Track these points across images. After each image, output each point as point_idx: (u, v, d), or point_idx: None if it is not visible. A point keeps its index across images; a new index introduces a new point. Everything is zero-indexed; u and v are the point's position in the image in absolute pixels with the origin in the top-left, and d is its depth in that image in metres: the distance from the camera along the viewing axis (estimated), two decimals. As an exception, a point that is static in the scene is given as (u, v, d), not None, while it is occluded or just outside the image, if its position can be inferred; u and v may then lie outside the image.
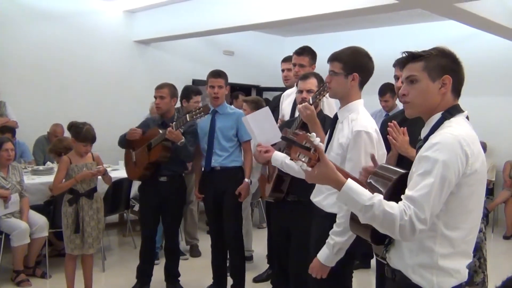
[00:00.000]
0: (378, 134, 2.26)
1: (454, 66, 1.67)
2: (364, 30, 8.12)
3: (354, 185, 1.61)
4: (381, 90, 4.95)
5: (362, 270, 4.66)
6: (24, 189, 4.33)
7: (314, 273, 2.25)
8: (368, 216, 1.57)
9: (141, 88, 7.21)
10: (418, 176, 1.55)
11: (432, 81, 1.65)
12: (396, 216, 1.52)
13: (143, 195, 4.03)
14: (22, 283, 4.10)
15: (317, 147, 1.58)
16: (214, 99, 3.80)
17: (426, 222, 1.51)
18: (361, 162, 2.15)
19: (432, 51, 1.68)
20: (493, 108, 6.74)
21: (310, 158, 1.58)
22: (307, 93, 2.94)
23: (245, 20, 6.02)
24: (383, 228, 1.57)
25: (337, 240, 2.18)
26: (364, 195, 1.58)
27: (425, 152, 1.56)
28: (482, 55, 6.47)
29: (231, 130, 3.80)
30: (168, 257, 4.05)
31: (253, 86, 9.14)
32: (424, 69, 1.66)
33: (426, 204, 1.51)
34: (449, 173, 1.52)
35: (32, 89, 6.45)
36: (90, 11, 7.10)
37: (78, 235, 3.55)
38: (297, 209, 2.97)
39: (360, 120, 2.25)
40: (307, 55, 3.67)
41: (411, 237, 1.53)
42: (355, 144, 2.21)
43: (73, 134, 3.59)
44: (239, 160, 3.89)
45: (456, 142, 1.54)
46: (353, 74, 2.26)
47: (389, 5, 4.63)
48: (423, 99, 1.67)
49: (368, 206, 1.55)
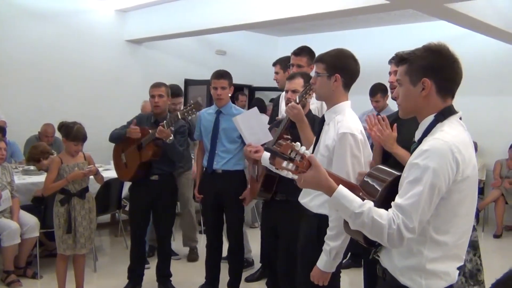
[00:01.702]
0: (363, 135, 2.26)
1: (437, 64, 1.62)
2: (356, 30, 8.16)
3: (345, 191, 1.61)
4: (372, 90, 4.98)
5: (354, 269, 4.68)
6: (14, 189, 4.30)
7: (316, 281, 2.24)
8: (358, 223, 1.58)
9: (133, 87, 7.19)
10: (407, 184, 1.55)
11: (412, 85, 1.64)
12: (385, 225, 1.53)
13: (134, 194, 4.01)
14: (12, 283, 4.06)
15: (305, 155, 1.58)
16: (217, 101, 3.76)
17: (414, 231, 1.52)
18: (347, 164, 2.17)
19: (417, 51, 1.65)
20: (484, 108, 6.81)
21: (297, 166, 1.59)
22: (292, 93, 2.95)
23: (237, 20, 6.02)
24: (372, 235, 1.58)
25: (332, 245, 2.18)
26: (355, 202, 1.59)
27: (415, 159, 1.55)
28: (473, 55, 6.51)
29: (235, 131, 3.65)
30: (160, 257, 4.04)
31: (245, 86, 9.13)
32: (406, 73, 1.65)
33: (414, 213, 1.51)
34: (439, 181, 1.51)
35: (23, 88, 6.41)
36: (81, 10, 7.07)
37: (70, 235, 3.53)
38: (285, 208, 2.99)
39: (346, 122, 2.25)
40: (305, 56, 3.60)
41: (400, 245, 1.55)
42: (340, 146, 2.21)
43: (63, 133, 3.57)
44: (242, 164, 3.83)
45: (447, 149, 1.52)
46: (335, 75, 2.27)
47: (381, 5, 4.65)
48: (407, 103, 1.69)
49: (358, 214, 1.56)
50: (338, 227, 2.11)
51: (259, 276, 4.37)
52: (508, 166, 6.59)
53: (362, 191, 1.70)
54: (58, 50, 6.77)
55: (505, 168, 6.62)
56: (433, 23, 6.88)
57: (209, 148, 3.79)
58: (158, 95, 3.81)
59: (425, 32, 7.04)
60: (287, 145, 1.57)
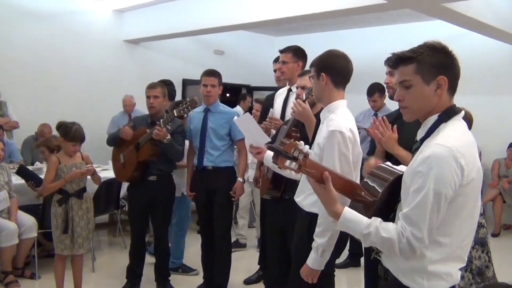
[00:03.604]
0: (353, 134, 2.25)
1: (447, 61, 1.58)
2: (353, 29, 8.16)
3: (349, 215, 1.63)
4: (369, 90, 4.99)
5: (352, 268, 4.69)
6: (12, 190, 4.29)
7: (305, 278, 2.25)
8: (368, 242, 1.60)
9: (131, 87, 7.16)
10: (413, 193, 1.53)
11: (426, 85, 1.58)
12: (394, 240, 1.53)
13: (132, 194, 4.02)
14: (10, 284, 4.06)
15: (308, 154, 1.60)
16: (206, 98, 3.84)
17: (424, 241, 1.51)
18: (335, 162, 2.18)
19: (422, 49, 1.59)
20: (481, 107, 6.78)
21: (300, 165, 1.59)
22: (301, 89, 2.96)
23: (235, 20, 6.02)
24: (385, 250, 1.60)
25: (319, 242, 2.19)
26: (361, 223, 1.60)
27: (419, 167, 1.52)
28: (470, 55, 6.52)
29: (223, 128, 3.82)
30: (158, 256, 4.04)
31: (243, 86, 9.15)
32: (416, 72, 1.58)
33: (422, 223, 1.50)
34: (444, 188, 1.48)
35: (20, 89, 6.39)
36: (79, 10, 7.05)
37: (68, 236, 3.53)
38: (293, 207, 2.97)
39: (336, 120, 2.26)
40: (289, 52, 3.69)
41: (413, 257, 1.55)
42: (329, 143, 2.22)
43: (62, 133, 3.57)
44: (231, 161, 3.91)
45: (450, 156, 1.48)
46: (321, 74, 2.32)
47: (378, 5, 4.66)
48: (421, 104, 1.61)
49: (366, 235, 1.58)
50: (325, 224, 2.14)
51: (258, 278, 4.36)
52: (506, 165, 6.61)
53: (364, 190, 1.70)
54: (55, 50, 6.75)
55: (503, 167, 6.63)
56: (430, 23, 6.89)
57: (198, 146, 3.84)
58: (153, 96, 3.81)
59: (422, 32, 7.05)
60: (290, 144, 1.58)
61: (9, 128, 5.90)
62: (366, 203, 1.67)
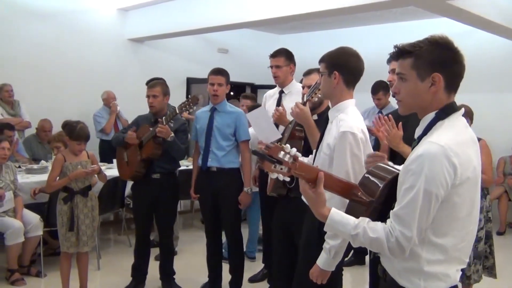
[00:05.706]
0: (364, 134, 2.24)
1: (447, 58, 1.55)
2: (357, 27, 8.15)
3: (336, 217, 1.62)
4: (373, 88, 4.98)
5: (357, 267, 4.69)
6: (18, 188, 4.31)
7: (314, 279, 2.23)
8: (358, 243, 1.60)
9: (135, 86, 7.18)
10: (404, 191, 1.52)
11: (420, 81, 1.55)
12: (383, 240, 1.53)
13: (136, 193, 4.02)
14: (16, 282, 4.09)
15: (297, 156, 1.57)
16: (213, 97, 3.78)
17: (413, 240, 1.50)
18: (347, 163, 2.16)
19: (422, 43, 1.56)
20: (487, 105, 6.77)
21: (290, 168, 1.57)
22: (307, 89, 2.92)
23: (239, 18, 6.03)
24: (374, 250, 1.59)
25: (331, 244, 2.16)
26: (349, 225, 1.59)
27: (411, 165, 1.51)
28: (475, 52, 6.48)
29: (228, 128, 3.75)
30: (163, 255, 4.05)
31: (247, 84, 9.15)
32: (412, 67, 1.56)
33: (412, 221, 1.48)
34: (434, 188, 1.46)
35: (24, 88, 6.40)
36: (83, 9, 7.08)
37: (73, 233, 3.55)
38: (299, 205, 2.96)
39: (347, 120, 2.23)
40: (281, 56, 3.79)
41: (403, 256, 1.54)
42: (340, 145, 2.20)
43: (67, 132, 3.58)
44: (236, 162, 3.85)
45: (442, 154, 1.45)
46: (334, 72, 2.27)
47: (383, 2, 4.66)
48: (413, 100, 1.60)
49: (354, 236, 1.58)
50: None
51: (262, 276, 4.37)
52: (511, 163, 6.58)
53: (361, 190, 1.69)
54: (60, 49, 6.78)
55: (508, 165, 6.59)
56: (434, 20, 6.86)
57: (203, 146, 3.81)
58: (152, 95, 3.80)
59: (426, 30, 6.85)
60: (276, 147, 1.56)
61: (21, 128, 5.94)
62: (363, 203, 1.66)
